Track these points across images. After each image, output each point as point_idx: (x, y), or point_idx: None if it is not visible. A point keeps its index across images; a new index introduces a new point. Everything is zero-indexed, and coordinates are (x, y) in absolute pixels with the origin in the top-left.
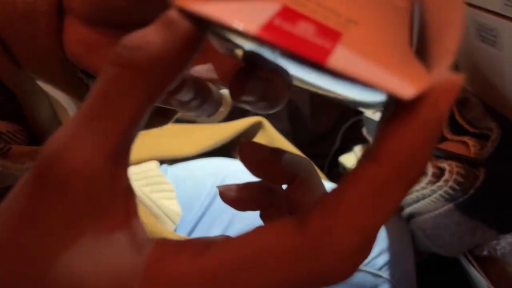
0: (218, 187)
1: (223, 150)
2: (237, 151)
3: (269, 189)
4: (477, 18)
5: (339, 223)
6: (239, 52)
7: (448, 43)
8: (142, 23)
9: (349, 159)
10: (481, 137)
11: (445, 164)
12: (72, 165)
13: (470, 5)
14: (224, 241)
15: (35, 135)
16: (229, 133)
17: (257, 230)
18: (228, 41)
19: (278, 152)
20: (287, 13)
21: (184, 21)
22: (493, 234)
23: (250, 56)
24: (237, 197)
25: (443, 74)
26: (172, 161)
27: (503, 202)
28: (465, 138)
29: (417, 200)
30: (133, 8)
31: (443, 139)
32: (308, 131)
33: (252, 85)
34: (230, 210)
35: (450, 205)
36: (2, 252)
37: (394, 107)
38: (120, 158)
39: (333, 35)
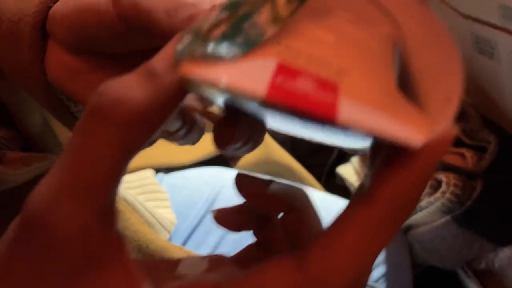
0: (212, 211)
1: (219, 159)
2: (233, 182)
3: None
4: (475, 30)
5: (338, 263)
6: (219, 104)
7: (448, 90)
8: (124, 54)
9: (346, 170)
10: (479, 149)
11: (442, 176)
12: (57, 226)
13: (468, 17)
14: (230, 285)
15: (28, 142)
16: None
17: (260, 270)
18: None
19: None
20: (284, 70)
21: (168, 76)
22: (491, 246)
23: (231, 107)
24: (230, 221)
25: (447, 125)
26: (168, 169)
27: (500, 214)
28: (463, 150)
29: (414, 212)
30: (114, 39)
31: None
32: (306, 141)
33: (237, 134)
34: (215, 236)
35: (447, 217)
36: None
37: (388, 151)
38: (107, 208)
39: (331, 88)
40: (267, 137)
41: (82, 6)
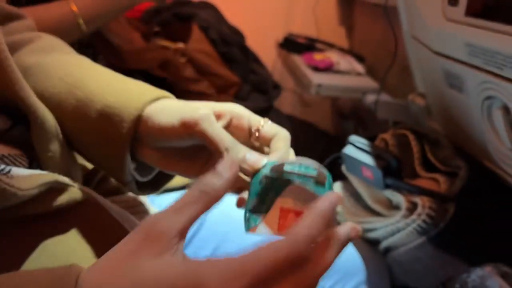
0: (238, 199)
1: None
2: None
3: None
4: (446, 66)
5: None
6: None
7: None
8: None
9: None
10: (451, 175)
11: (418, 199)
12: (167, 231)
13: (439, 54)
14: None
15: (38, 162)
16: None
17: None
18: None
19: None
20: (283, 213)
21: (227, 174)
22: (464, 267)
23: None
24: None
25: None
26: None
27: (471, 236)
28: (436, 176)
29: (393, 233)
30: (183, 144)
31: (416, 176)
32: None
33: None
34: (215, 240)
35: (423, 239)
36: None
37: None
38: (185, 233)
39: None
40: None
41: (164, 130)
